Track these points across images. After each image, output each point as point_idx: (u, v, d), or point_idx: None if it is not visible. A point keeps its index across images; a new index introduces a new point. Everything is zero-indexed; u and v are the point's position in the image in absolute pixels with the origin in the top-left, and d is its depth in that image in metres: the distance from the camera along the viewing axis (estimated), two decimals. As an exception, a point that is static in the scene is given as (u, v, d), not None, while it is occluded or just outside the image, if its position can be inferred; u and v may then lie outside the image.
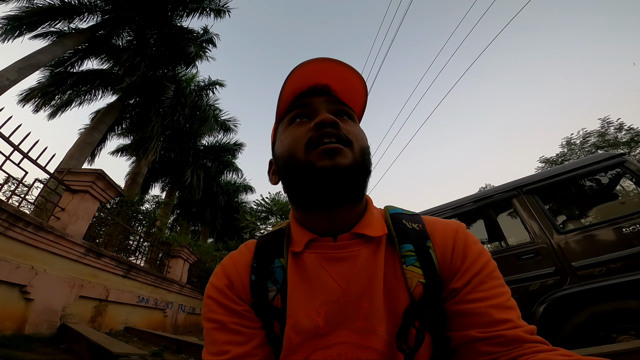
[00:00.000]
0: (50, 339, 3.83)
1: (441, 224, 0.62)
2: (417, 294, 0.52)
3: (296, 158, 0.55)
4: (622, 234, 2.30)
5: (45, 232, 4.02)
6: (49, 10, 9.67)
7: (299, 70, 0.58)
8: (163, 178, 16.64)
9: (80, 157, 9.63)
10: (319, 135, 0.54)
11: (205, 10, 11.97)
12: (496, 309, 0.49)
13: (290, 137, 0.58)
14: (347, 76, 0.60)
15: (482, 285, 0.51)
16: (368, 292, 0.53)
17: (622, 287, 2.11)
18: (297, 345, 0.52)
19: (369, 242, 0.58)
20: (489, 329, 0.47)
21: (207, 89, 14.77)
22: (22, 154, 3.95)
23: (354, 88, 0.62)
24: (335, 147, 0.52)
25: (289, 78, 0.58)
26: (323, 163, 0.52)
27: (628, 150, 15.13)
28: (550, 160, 18.56)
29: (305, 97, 0.61)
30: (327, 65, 0.58)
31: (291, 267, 0.58)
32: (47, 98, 10.73)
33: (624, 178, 3.05)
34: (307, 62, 0.58)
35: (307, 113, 0.60)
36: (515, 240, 3.28)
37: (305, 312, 0.53)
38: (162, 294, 7.60)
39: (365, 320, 0.52)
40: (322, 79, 0.60)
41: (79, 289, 4.65)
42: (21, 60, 8.28)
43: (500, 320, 0.47)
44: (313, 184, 0.54)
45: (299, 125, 0.59)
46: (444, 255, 0.56)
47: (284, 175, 0.61)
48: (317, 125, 0.55)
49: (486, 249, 0.58)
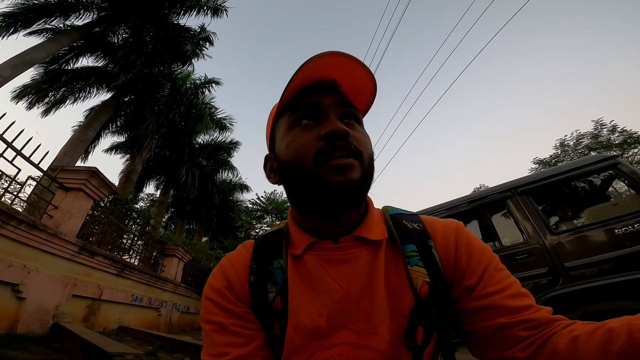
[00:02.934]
0: (43, 339, 3.80)
1: (441, 223, 0.62)
2: (423, 293, 0.53)
3: (304, 168, 0.54)
4: (614, 235, 2.33)
5: (38, 230, 3.97)
6: (44, 7, 9.58)
7: (309, 63, 0.55)
8: (158, 176, 16.54)
9: (74, 155, 9.55)
10: (330, 149, 0.52)
11: (202, 8, 11.91)
12: (513, 298, 0.50)
13: (297, 143, 0.56)
14: (357, 72, 0.58)
15: (494, 279, 0.52)
16: (369, 293, 0.53)
17: (614, 288, 2.15)
18: (299, 346, 0.52)
19: (370, 244, 0.58)
20: (516, 315, 0.48)
21: (203, 87, 14.71)
22: (16, 151, 3.91)
23: (362, 86, 0.60)
24: (347, 164, 0.51)
25: (298, 71, 0.55)
26: (334, 179, 0.51)
27: (621, 152, 15.32)
28: (544, 162, 18.77)
29: (312, 95, 0.58)
30: (336, 59, 0.55)
31: (291, 269, 0.58)
32: (40, 95, 10.62)
33: (616, 180, 3.09)
34: (318, 55, 0.55)
35: (314, 115, 0.57)
36: (509, 240, 3.31)
37: (307, 314, 0.53)
38: (157, 293, 7.56)
39: (366, 320, 0.52)
40: (330, 73, 0.58)
41: (72, 288, 4.61)
42: (15, 57, 8.21)
43: (522, 307, 0.49)
44: (322, 197, 0.53)
45: (305, 129, 0.57)
46: (447, 254, 0.57)
47: (287, 181, 0.60)
48: (328, 135, 0.53)
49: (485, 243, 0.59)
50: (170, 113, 12.16)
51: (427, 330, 0.52)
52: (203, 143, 17.07)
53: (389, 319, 0.52)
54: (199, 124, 13.63)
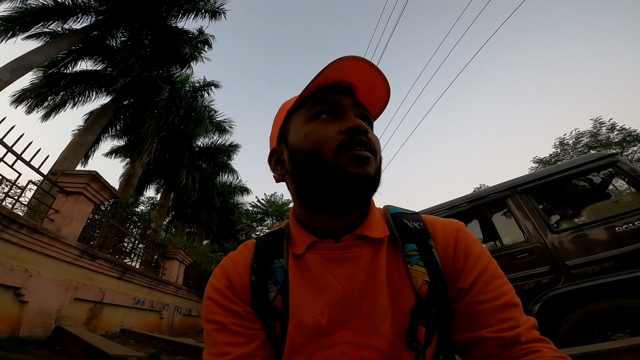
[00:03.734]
0: (45, 342, 3.79)
1: (442, 223, 0.62)
2: (423, 292, 0.53)
3: (324, 158, 0.54)
4: (615, 232, 2.33)
5: (40, 234, 3.97)
6: (42, 11, 9.58)
7: (334, 65, 0.56)
8: (158, 180, 16.53)
9: (74, 159, 9.53)
10: (352, 142, 0.54)
11: (200, 11, 11.91)
12: (502, 308, 0.50)
13: (318, 134, 0.56)
14: (375, 80, 0.60)
15: (489, 286, 0.52)
16: (370, 291, 0.54)
17: (616, 286, 2.14)
18: (301, 345, 0.52)
19: (371, 243, 0.58)
20: (496, 329, 0.48)
21: (202, 90, 14.70)
22: (16, 155, 3.91)
23: (377, 94, 0.62)
24: (366, 156, 0.53)
25: (324, 70, 0.56)
26: (354, 170, 0.52)
27: (620, 150, 15.32)
28: (544, 161, 18.76)
29: (332, 92, 0.60)
30: (358, 64, 0.57)
31: (293, 268, 0.58)
32: (40, 99, 10.59)
33: (616, 177, 3.09)
34: (342, 58, 0.56)
35: (334, 111, 0.59)
36: (510, 239, 3.31)
37: (308, 313, 0.53)
38: (158, 296, 7.56)
39: (367, 319, 0.52)
40: (349, 77, 0.59)
41: (74, 291, 4.60)
42: (14, 61, 8.20)
43: (505, 319, 0.49)
44: (339, 188, 0.54)
45: (325, 122, 0.58)
46: (446, 254, 0.57)
47: (301, 170, 0.59)
48: (350, 130, 0.54)
49: (485, 248, 0.59)
50: (169, 116, 12.15)
51: (428, 329, 0.53)
52: (203, 146, 17.08)
53: (390, 318, 0.52)
54: (199, 127, 13.62)
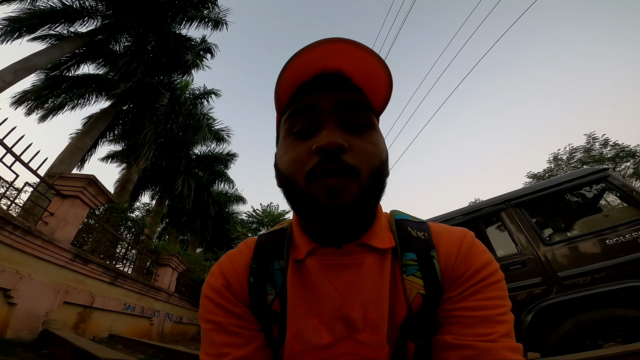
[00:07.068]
0: (32, 344, 3.73)
1: (447, 233, 0.57)
2: (415, 305, 0.50)
3: (297, 185, 0.49)
4: (605, 245, 2.39)
5: (33, 236, 3.95)
6: (50, 13, 9.67)
7: (303, 54, 0.47)
8: (153, 186, 16.45)
9: (71, 162, 9.51)
10: (321, 170, 0.46)
11: (204, 19, 12.07)
12: (483, 320, 0.46)
13: (290, 157, 0.51)
14: (365, 60, 0.49)
15: (477, 295, 0.48)
16: (373, 301, 0.50)
17: (606, 296, 2.18)
18: (299, 353, 0.50)
19: (374, 250, 0.54)
20: (463, 337, 0.45)
21: (202, 98, 14.80)
22: (15, 156, 3.92)
23: (373, 77, 0.51)
24: (336, 186, 0.45)
25: (289, 64, 0.48)
26: (325, 202, 0.46)
27: (613, 165, 15.52)
28: (538, 176, 18.95)
29: (309, 95, 0.52)
30: (339, 46, 0.47)
31: (291, 273, 0.55)
32: (40, 101, 10.60)
33: (607, 192, 3.15)
34: (312, 44, 0.47)
35: (310, 121, 0.51)
36: (503, 252, 3.34)
37: (306, 321, 0.51)
38: (149, 302, 7.46)
39: (369, 331, 0.49)
40: (332, 62, 0.50)
41: (64, 294, 4.55)
42: (18, 63, 8.24)
43: (481, 333, 0.44)
44: (314, 218, 0.49)
45: (298, 141, 0.51)
46: (447, 265, 0.52)
47: (284, 191, 0.55)
48: (319, 151, 0.46)
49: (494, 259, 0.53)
50: (168, 123, 12.16)
51: (419, 347, 0.50)
52: (200, 154, 17.06)
53: (389, 330, 0.50)
54: (197, 134, 13.63)
